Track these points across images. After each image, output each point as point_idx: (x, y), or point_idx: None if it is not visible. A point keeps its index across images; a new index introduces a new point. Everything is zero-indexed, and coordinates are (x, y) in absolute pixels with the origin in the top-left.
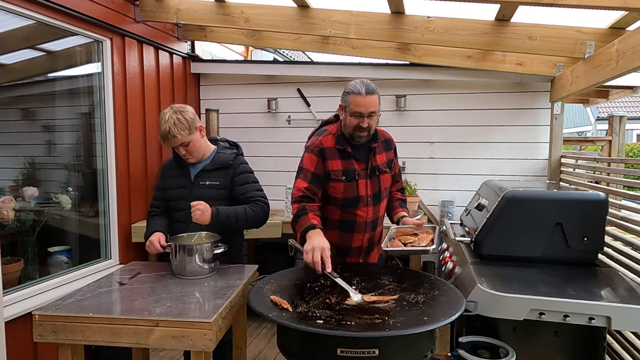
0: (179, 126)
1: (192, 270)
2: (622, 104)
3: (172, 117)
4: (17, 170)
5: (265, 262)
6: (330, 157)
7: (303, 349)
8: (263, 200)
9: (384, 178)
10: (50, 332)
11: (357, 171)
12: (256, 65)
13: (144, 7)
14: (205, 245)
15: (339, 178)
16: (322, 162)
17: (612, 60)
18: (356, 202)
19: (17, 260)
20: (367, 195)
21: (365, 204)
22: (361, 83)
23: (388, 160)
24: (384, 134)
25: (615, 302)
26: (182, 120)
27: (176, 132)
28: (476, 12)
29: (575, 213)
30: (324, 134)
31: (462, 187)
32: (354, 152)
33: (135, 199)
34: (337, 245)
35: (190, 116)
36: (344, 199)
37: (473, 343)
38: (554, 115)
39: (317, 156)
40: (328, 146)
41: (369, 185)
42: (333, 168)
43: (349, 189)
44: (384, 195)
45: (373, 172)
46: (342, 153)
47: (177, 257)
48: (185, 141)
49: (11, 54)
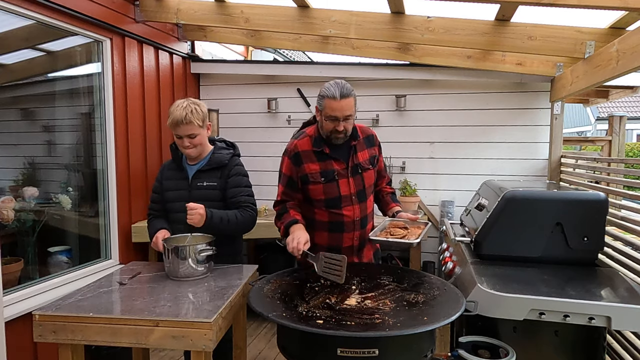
0: (195, 115)
1: (185, 272)
2: (622, 104)
3: (190, 106)
4: (17, 170)
5: (265, 262)
6: (307, 160)
7: (303, 349)
8: (253, 208)
9: (367, 175)
10: (50, 332)
11: (336, 171)
12: (256, 65)
13: (144, 7)
14: (197, 247)
15: (317, 180)
16: (296, 167)
17: (612, 60)
18: (339, 201)
19: (17, 260)
20: (350, 194)
21: (349, 203)
22: (335, 86)
23: (370, 157)
24: (365, 131)
25: (615, 302)
26: (199, 111)
27: (192, 119)
28: (476, 12)
29: (575, 213)
30: (301, 136)
31: (462, 187)
32: (333, 152)
33: (135, 199)
34: (328, 246)
35: (205, 110)
36: (327, 199)
37: (473, 343)
38: (554, 115)
39: (291, 160)
40: (303, 149)
41: (352, 184)
42: (310, 171)
43: (330, 190)
44: (369, 192)
45: (355, 170)
46: (319, 155)
47: (170, 259)
48: (195, 132)
49: (11, 54)
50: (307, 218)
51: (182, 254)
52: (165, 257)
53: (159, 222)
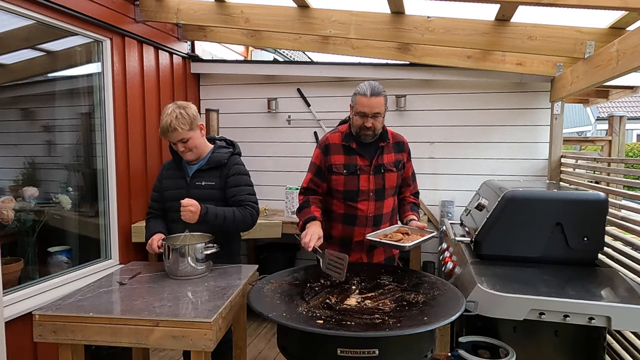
0: (180, 120)
1: (184, 271)
2: (622, 104)
3: (174, 111)
4: (17, 170)
5: (265, 262)
6: (334, 152)
7: (303, 349)
8: (253, 206)
9: (390, 176)
10: (50, 332)
11: (359, 166)
12: (256, 65)
13: (144, 7)
14: (197, 246)
15: (339, 171)
16: (325, 156)
17: (612, 60)
18: (356, 195)
19: (17, 260)
20: (368, 190)
21: (366, 198)
22: (368, 85)
23: (396, 161)
24: (396, 137)
25: (615, 302)
26: (185, 115)
27: (177, 126)
28: (476, 12)
29: (575, 213)
30: (333, 131)
31: (462, 187)
32: (360, 148)
33: (135, 199)
34: (341, 237)
35: (192, 112)
36: (345, 191)
37: (473, 343)
38: (554, 115)
39: (321, 151)
40: (333, 142)
41: (372, 181)
42: (335, 162)
43: (350, 182)
44: (388, 193)
45: (378, 169)
46: (346, 149)
47: (170, 258)
48: (185, 137)
49: (11, 54)
50: (326, 210)
51: (182, 253)
52: (164, 257)
53: (156, 224)
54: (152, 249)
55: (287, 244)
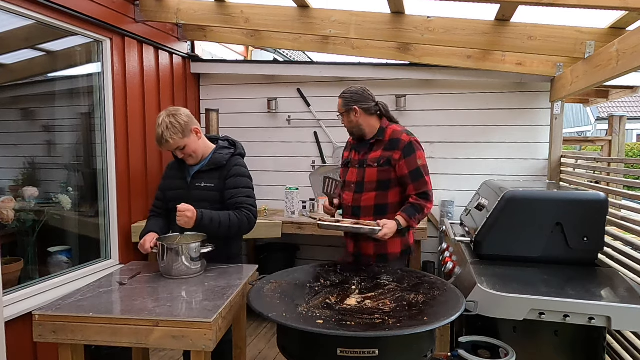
0: (171, 130)
1: (178, 270)
2: (622, 104)
3: (165, 121)
4: (17, 170)
5: (265, 262)
6: (346, 149)
7: (303, 349)
8: (250, 209)
9: (370, 171)
10: (50, 332)
11: (351, 160)
12: (256, 65)
13: (144, 7)
14: (190, 245)
15: (343, 164)
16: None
17: (612, 60)
18: (344, 185)
19: (17, 260)
20: (351, 182)
21: (348, 189)
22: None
23: (381, 157)
24: (395, 135)
25: (615, 302)
26: (175, 124)
27: (169, 137)
28: (476, 12)
29: (575, 213)
30: None
31: (462, 187)
32: (357, 145)
33: (135, 199)
34: None
35: (184, 119)
36: (343, 181)
37: (473, 343)
38: (554, 115)
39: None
40: (349, 142)
41: (355, 174)
42: (343, 157)
43: (344, 173)
44: (368, 187)
45: (361, 163)
46: (352, 146)
47: (165, 258)
48: (180, 145)
49: (11, 54)
50: None
51: (176, 252)
52: (159, 257)
53: (153, 224)
54: (143, 249)
55: (287, 244)
